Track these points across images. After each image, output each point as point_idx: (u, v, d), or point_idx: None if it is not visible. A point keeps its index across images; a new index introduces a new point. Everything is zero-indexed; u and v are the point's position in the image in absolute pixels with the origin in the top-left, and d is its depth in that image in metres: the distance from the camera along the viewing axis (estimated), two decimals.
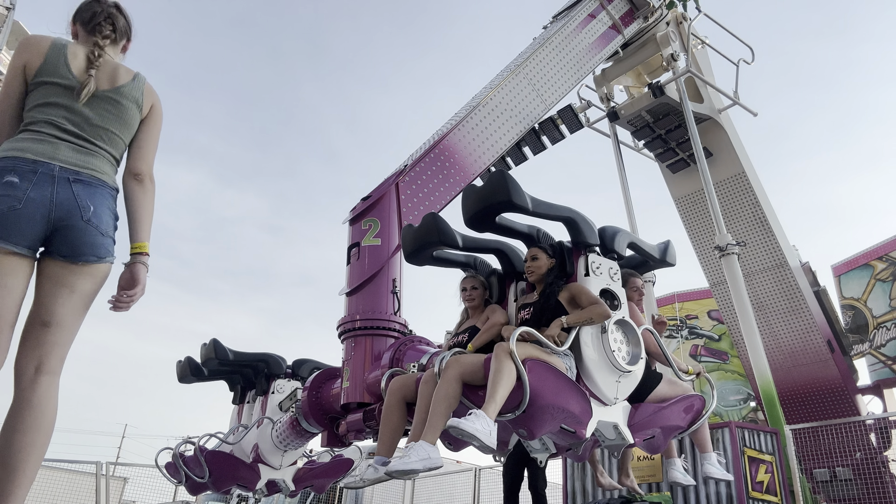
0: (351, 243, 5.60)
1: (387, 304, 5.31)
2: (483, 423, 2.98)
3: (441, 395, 3.24)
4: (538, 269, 3.82)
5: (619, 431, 3.71)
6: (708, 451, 4.33)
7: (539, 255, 3.85)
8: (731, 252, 9.27)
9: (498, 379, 3.11)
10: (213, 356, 6.41)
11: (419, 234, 4.04)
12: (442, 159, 6.44)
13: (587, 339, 3.57)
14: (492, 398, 3.07)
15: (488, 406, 3.05)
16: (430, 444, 3.13)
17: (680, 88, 10.60)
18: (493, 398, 3.07)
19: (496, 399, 3.07)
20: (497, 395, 3.08)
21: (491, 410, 3.04)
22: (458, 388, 3.30)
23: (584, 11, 9.12)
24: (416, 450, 3.09)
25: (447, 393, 3.26)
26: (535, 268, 3.83)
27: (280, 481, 6.19)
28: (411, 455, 3.07)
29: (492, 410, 3.05)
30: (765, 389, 8.61)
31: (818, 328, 11.61)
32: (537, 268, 3.83)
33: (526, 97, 7.83)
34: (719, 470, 4.31)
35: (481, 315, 4.07)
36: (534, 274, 3.85)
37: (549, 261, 3.83)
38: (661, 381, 4.05)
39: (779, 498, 6.98)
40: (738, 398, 14.85)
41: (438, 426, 3.19)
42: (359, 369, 5.02)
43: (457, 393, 3.28)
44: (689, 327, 16.17)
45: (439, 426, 3.19)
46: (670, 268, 4.58)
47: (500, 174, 3.65)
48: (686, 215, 12.21)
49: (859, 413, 11.76)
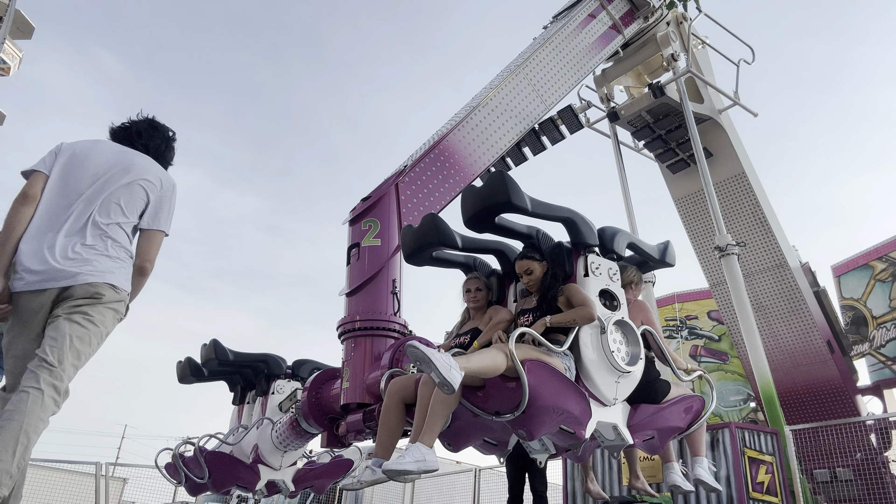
0: (351, 244, 5.60)
1: (387, 305, 5.30)
2: (413, 455, 3.08)
3: (440, 398, 3.24)
4: (535, 280, 3.81)
5: (619, 432, 3.71)
6: (700, 455, 4.27)
7: (532, 266, 3.81)
8: (730, 252, 9.27)
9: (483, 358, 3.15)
10: (213, 357, 6.41)
11: (419, 235, 4.04)
12: (442, 160, 6.44)
13: (586, 339, 3.56)
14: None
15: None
16: (427, 447, 3.14)
17: (680, 89, 10.59)
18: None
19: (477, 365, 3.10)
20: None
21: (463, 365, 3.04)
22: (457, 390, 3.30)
23: (584, 11, 9.12)
24: (411, 451, 3.10)
25: (446, 395, 3.26)
26: (532, 280, 3.81)
27: (280, 482, 6.19)
28: (406, 456, 3.08)
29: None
30: (765, 390, 8.61)
31: (818, 329, 11.60)
32: (535, 279, 3.81)
33: (526, 97, 7.82)
34: (709, 476, 4.24)
35: (483, 317, 4.05)
36: (532, 285, 3.84)
37: (542, 266, 3.80)
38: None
39: (779, 499, 6.97)
40: (738, 399, 14.84)
41: (436, 429, 3.21)
42: (359, 370, 5.02)
43: (456, 394, 3.28)
44: (689, 328, 16.17)
45: (437, 429, 3.21)
46: (670, 268, 4.58)
47: (499, 175, 3.64)
48: (686, 216, 12.20)
49: (859, 413, 11.75)
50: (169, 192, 3.01)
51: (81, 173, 2.84)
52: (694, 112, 10.62)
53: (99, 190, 2.82)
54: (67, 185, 2.80)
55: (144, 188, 2.92)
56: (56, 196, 2.78)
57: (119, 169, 2.89)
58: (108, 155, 2.93)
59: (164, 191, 2.98)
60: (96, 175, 2.84)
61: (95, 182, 2.83)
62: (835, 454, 9.80)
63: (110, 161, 2.90)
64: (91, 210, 2.77)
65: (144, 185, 2.92)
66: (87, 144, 2.96)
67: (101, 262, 2.71)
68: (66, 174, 2.82)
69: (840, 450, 9.82)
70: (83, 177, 2.83)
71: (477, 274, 4.23)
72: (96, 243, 2.73)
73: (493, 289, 4.22)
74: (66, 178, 2.82)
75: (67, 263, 2.64)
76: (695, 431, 4.21)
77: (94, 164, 2.87)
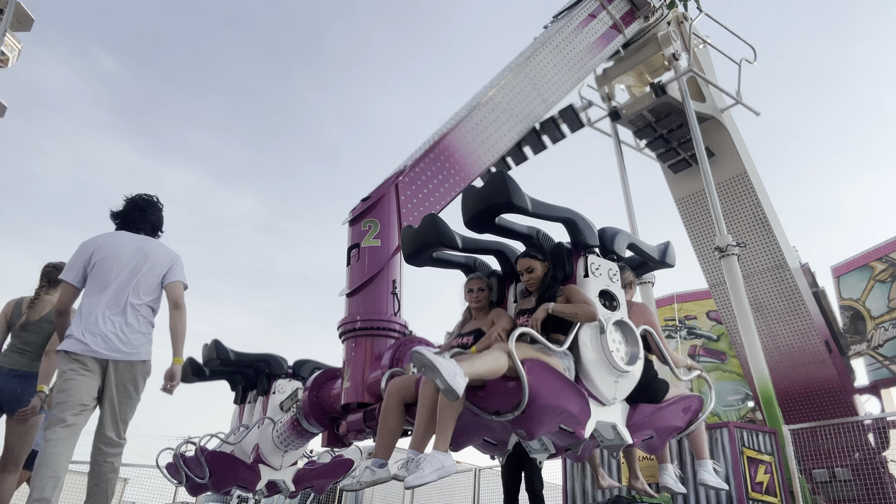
0: (351, 244, 5.61)
1: (387, 305, 5.32)
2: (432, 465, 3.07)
3: (447, 401, 3.25)
4: (536, 279, 3.82)
5: (618, 432, 3.72)
6: (705, 457, 4.28)
7: (533, 265, 3.82)
8: (731, 253, 9.27)
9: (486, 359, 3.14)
10: (214, 356, 6.42)
11: (419, 236, 4.05)
12: (442, 159, 6.44)
13: (585, 339, 3.57)
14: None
15: (471, 369, 3.07)
16: (443, 452, 3.16)
17: (682, 88, 10.58)
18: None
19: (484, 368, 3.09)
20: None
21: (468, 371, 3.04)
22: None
23: (584, 11, 9.12)
24: (429, 461, 3.11)
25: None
26: (533, 279, 3.82)
27: (280, 482, 6.20)
28: (425, 467, 3.09)
29: (472, 371, 3.07)
30: (763, 390, 8.62)
31: (816, 329, 11.62)
32: (535, 279, 3.82)
33: (527, 97, 7.83)
34: (715, 478, 4.25)
35: (486, 318, 4.05)
36: (533, 284, 3.85)
37: (543, 266, 3.81)
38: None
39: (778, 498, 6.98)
40: (737, 398, 14.86)
41: (448, 432, 3.22)
42: (359, 370, 5.03)
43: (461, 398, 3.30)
44: (688, 328, 16.19)
45: (449, 432, 3.22)
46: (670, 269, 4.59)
47: (499, 175, 3.64)
48: (686, 216, 12.20)
49: (857, 413, 11.77)
50: (178, 262, 3.95)
51: (112, 266, 3.75)
52: (696, 111, 10.60)
53: (129, 276, 3.77)
54: (102, 278, 3.73)
55: (160, 270, 3.87)
56: (94, 288, 3.73)
57: (140, 257, 3.81)
58: (128, 250, 3.82)
59: (175, 263, 3.93)
60: (124, 266, 3.77)
61: (124, 272, 3.76)
62: (833, 454, 9.81)
63: (130, 254, 3.81)
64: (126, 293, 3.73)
65: (160, 267, 3.87)
66: (107, 241, 3.83)
67: (137, 338, 3.70)
68: (98, 272, 3.73)
69: (838, 449, 9.83)
70: (114, 268, 3.75)
71: (479, 274, 4.24)
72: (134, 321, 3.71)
73: (493, 289, 4.23)
74: (99, 275, 3.73)
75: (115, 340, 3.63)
76: (696, 434, 4.21)
77: (122, 259, 3.78)
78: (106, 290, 3.67)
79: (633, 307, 4.13)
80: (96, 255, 3.75)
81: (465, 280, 4.24)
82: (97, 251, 3.76)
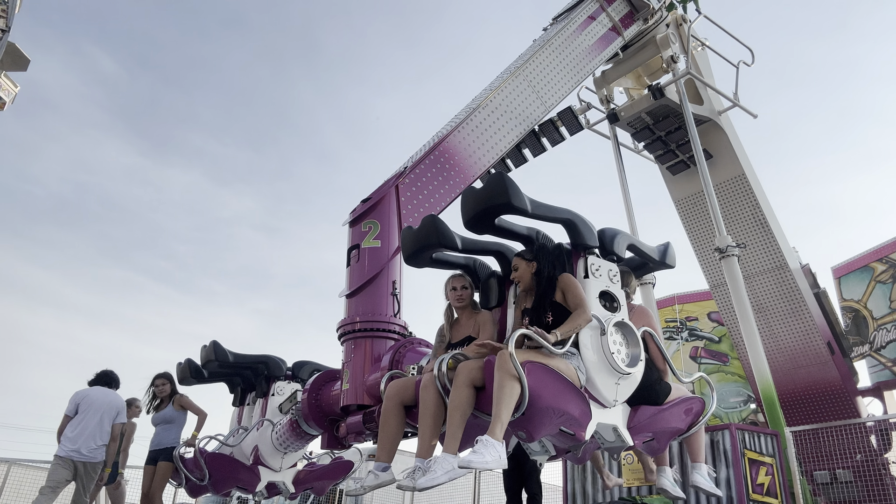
0: (351, 245, 5.60)
1: (387, 307, 5.30)
2: (491, 452, 2.97)
3: (455, 404, 3.26)
4: (522, 278, 3.81)
5: (619, 434, 3.71)
6: (700, 461, 4.23)
7: (518, 263, 3.82)
8: (731, 254, 9.26)
9: (501, 396, 3.08)
10: (213, 358, 6.41)
11: (418, 237, 4.04)
12: (442, 161, 6.44)
13: (586, 340, 3.56)
14: (497, 418, 3.05)
15: (494, 427, 3.03)
16: (453, 455, 3.15)
17: (680, 90, 10.59)
18: (499, 417, 3.05)
19: (502, 418, 3.05)
20: (502, 414, 3.06)
21: (497, 432, 3.02)
22: (471, 393, 3.31)
23: (584, 13, 9.13)
24: (440, 463, 3.11)
25: (461, 401, 3.27)
26: (518, 277, 3.82)
27: (280, 483, 6.18)
28: (437, 469, 3.09)
29: (498, 431, 3.03)
30: (765, 391, 8.60)
31: (818, 330, 11.59)
32: (520, 277, 3.81)
33: (526, 99, 7.83)
34: (708, 482, 4.20)
35: (470, 318, 4.04)
36: (521, 283, 3.84)
37: (528, 266, 3.80)
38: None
39: (779, 500, 6.96)
40: (739, 400, 14.84)
41: (457, 435, 3.21)
42: (358, 371, 5.02)
43: (470, 399, 3.29)
44: (689, 329, 16.16)
45: (458, 435, 3.21)
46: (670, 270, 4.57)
47: (499, 176, 3.64)
48: (686, 217, 12.20)
49: (859, 415, 11.74)
50: (123, 409, 6.45)
51: (93, 405, 6.22)
52: (694, 113, 10.61)
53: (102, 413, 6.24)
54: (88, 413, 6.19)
55: (118, 411, 6.37)
56: (83, 419, 6.18)
57: (107, 402, 6.29)
58: (102, 397, 6.30)
59: (122, 409, 6.42)
60: (100, 408, 6.23)
61: (99, 410, 6.22)
62: (835, 456, 9.78)
63: (103, 400, 6.28)
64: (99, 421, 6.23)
65: (117, 410, 6.37)
66: (90, 392, 6.32)
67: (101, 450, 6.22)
68: (85, 409, 6.19)
69: (840, 451, 9.81)
70: (94, 407, 6.21)
71: (461, 272, 4.21)
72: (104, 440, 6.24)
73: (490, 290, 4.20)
74: (86, 411, 6.18)
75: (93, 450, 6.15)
76: (694, 437, 4.19)
77: (98, 402, 6.25)
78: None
79: (634, 310, 4.12)
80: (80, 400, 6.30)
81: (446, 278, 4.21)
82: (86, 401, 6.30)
